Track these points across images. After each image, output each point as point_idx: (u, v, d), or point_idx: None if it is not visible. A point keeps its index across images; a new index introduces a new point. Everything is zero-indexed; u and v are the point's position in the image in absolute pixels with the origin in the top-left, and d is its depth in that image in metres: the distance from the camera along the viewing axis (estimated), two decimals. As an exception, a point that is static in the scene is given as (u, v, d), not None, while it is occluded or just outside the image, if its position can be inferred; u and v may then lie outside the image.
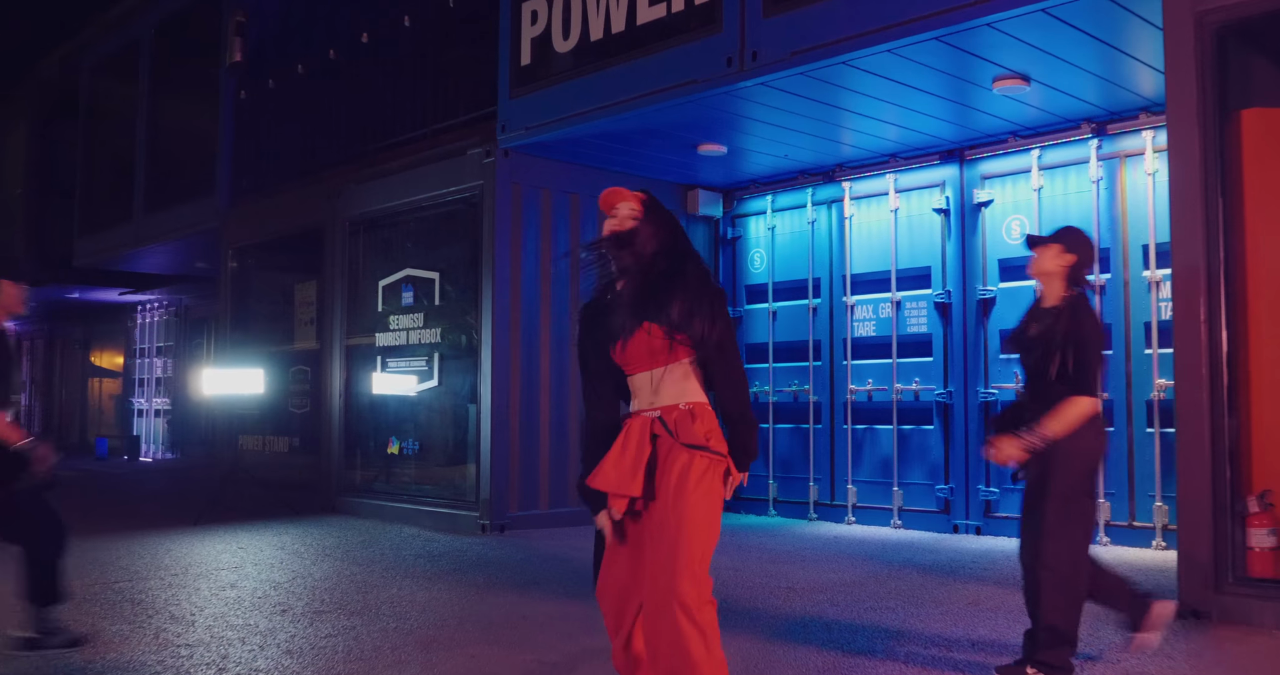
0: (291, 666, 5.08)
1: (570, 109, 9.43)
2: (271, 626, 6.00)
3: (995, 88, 8.06)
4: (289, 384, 12.82)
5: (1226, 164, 5.87)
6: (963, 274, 9.76)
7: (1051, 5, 6.52)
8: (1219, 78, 5.84)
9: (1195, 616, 5.66)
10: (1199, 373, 5.71)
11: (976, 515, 9.56)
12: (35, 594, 5.40)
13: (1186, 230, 5.83)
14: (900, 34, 7.11)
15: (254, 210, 13.90)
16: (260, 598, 6.85)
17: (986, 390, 9.54)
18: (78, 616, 6.14)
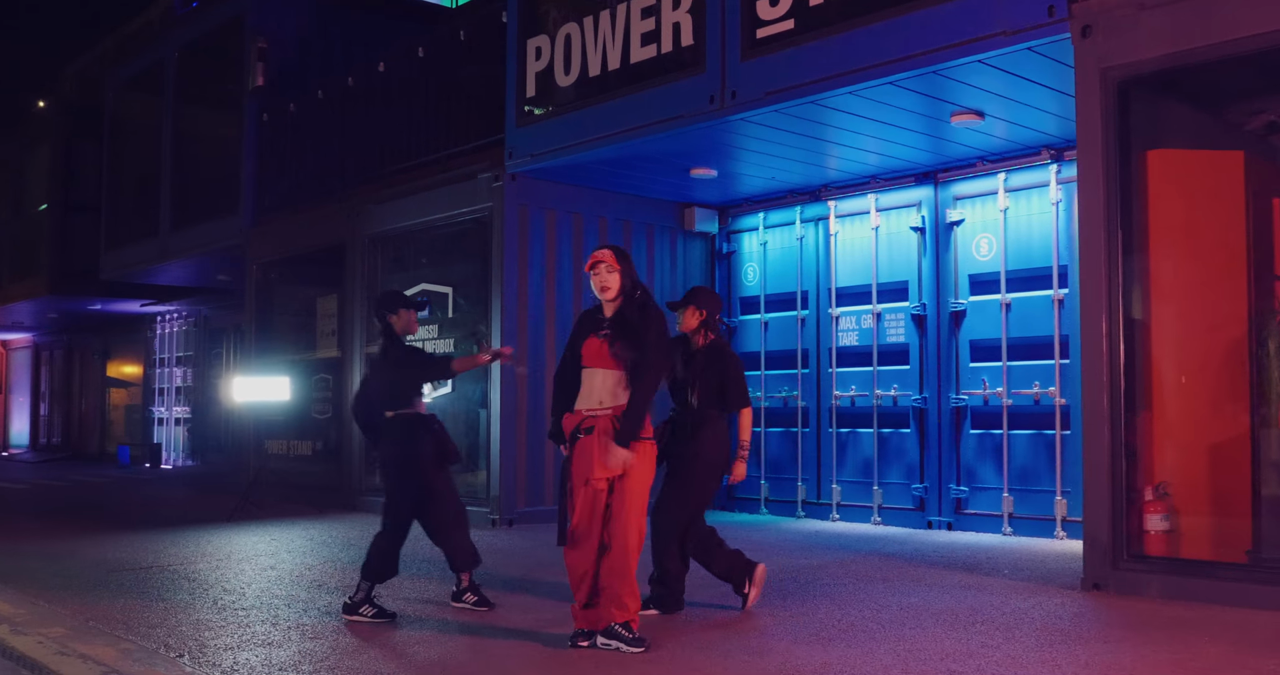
0: (331, 623, 6.36)
1: (571, 138, 10.68)
2: (311, 596, 7.28)
3: (953, 121, 9.25)
4: (312, 391, 14.12)
5: (1130, 198, 7.07)
6: (937, 288, 10.94)
7: (988, 56, 7.72)
8: (1121, 124, 7.03)
9: (1096, 588, 6.86)
10: (1100, 380, 6.91)
11: (948, 512, 10.73)
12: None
13: (1090, 256, 7.03)
14: (860, 79, 8.34)
15: (277, 227, 15.21)
16: (298, 576, 8.13)
17: (958, 396, 10.72)
18: (144, 591, 7.45)
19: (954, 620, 6.20)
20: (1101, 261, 6.96)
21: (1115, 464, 6.80)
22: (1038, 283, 10.22)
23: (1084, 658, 5.26)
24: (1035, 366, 10.19)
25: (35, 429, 31.26)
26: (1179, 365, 7.20)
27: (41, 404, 31.12)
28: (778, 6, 8.85)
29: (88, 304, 23.45)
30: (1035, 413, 10.19)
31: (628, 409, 5.44)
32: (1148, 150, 7.25)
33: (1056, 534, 9.82)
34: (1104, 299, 6.93)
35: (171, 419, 24.40)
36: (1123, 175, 7.04)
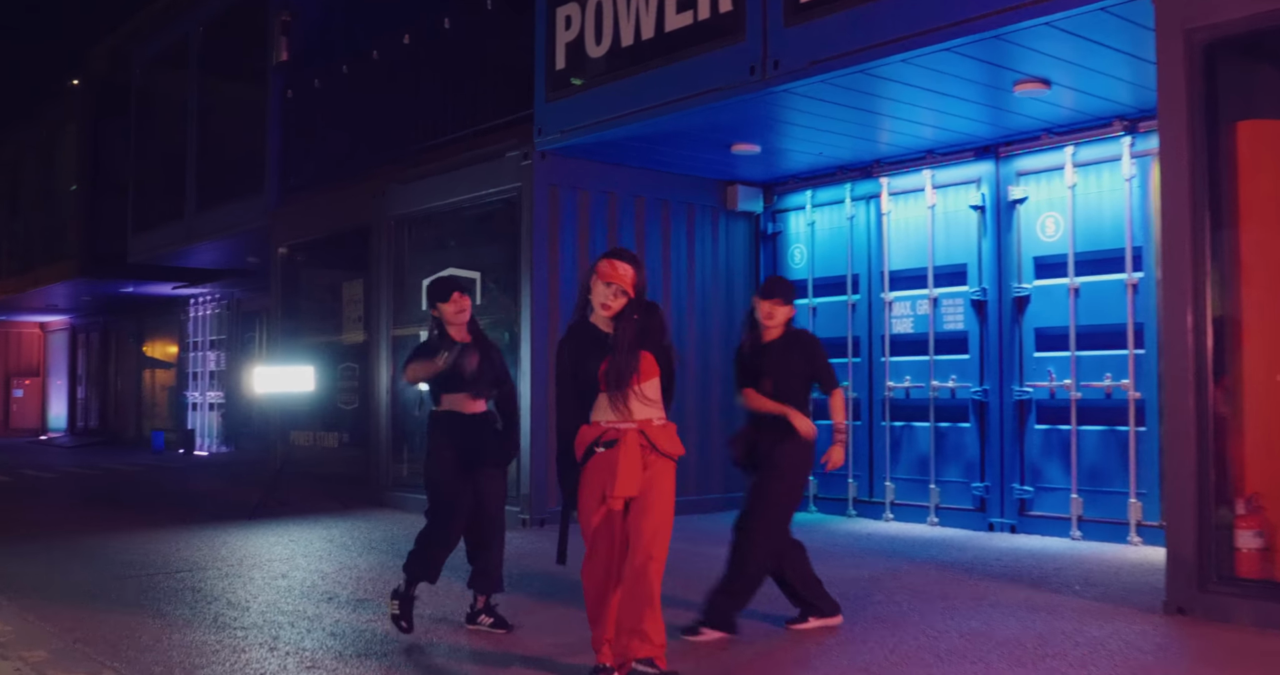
0: (334, 646, 5.91)
1: (604, 113, 10.14)
2: (318, 612, 6.84)
3: (1016, 91, 8.62)
4: (338, 381, 13.73)
5: (1217, 173, 6.43)
6: (998, 271, 10.31)
7: (1056, 19, 7.09)
8: (1208, 91, 6.38)
9: (1180, 613, 6.26)
10: (1185, 378, 6.29)
11: (1011, 514, 10.13)
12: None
13: (1173, 238, 6.40)
14: (915, 45, 7.72)
15: (302, 209, 14.82)
16: (309, 587, 7.71)
17: (1021, 388, 10.10)
18: (143, 603, 7.06)
19: (1020, 652, 5.62)
20: (1186, 244, 6.32)
21: (1202, 474, 6.18)
22: (1109, 266, 9.56)
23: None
24: (1106, 356, 9.55)
25: (73, 412, 31.31)
26: (1273, 361, 6.55)
27: (79, 387, 31.14)
28: (824, -33, 8.25)
29: (119, 287, 23.32)
30: (1106, 407, 9.56)
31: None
32: (1238, 121, 6.60)
33: (1130, 539, 9.21)
34: (1189, 287, 6.30)
35: (205, 404, 24.23)
36: (1210, 148, 6.39)
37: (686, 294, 11.86)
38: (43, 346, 33.08)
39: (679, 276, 11.84)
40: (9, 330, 32.53)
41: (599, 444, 5.00)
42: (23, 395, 32.68)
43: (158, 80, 19.87)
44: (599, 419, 5.01)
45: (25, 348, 33.00)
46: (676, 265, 11.82)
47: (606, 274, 4.96)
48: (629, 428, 4.96)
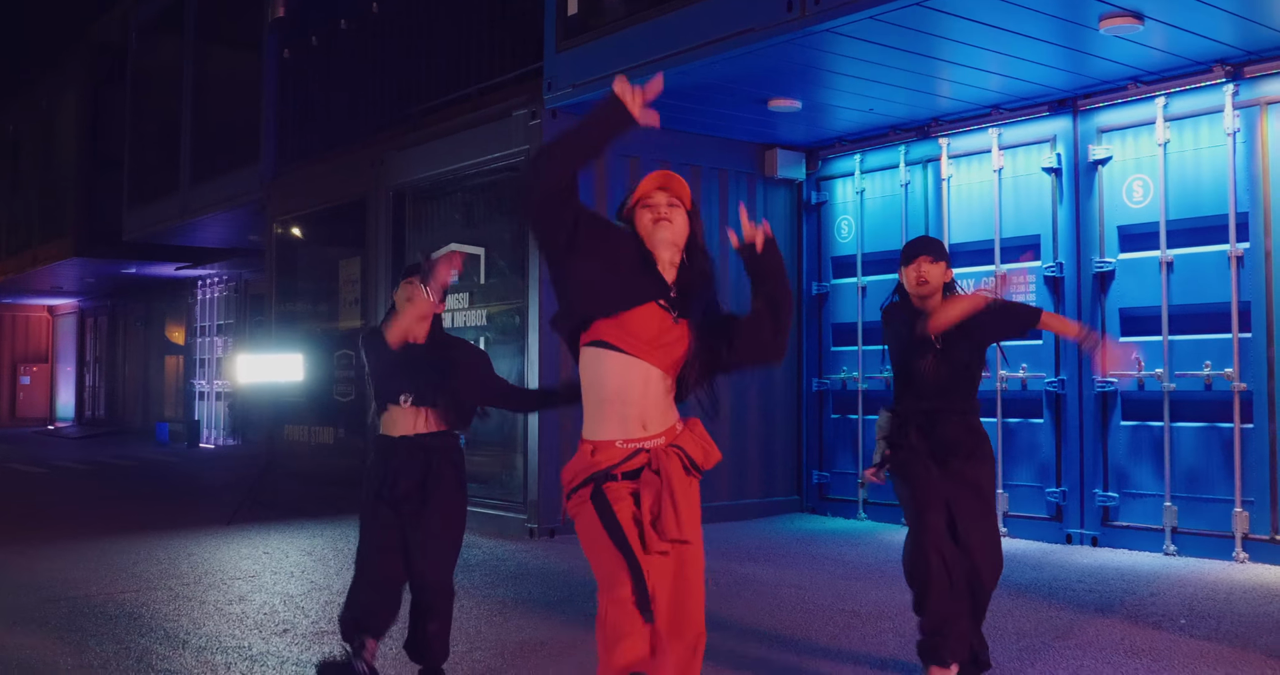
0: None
1: (622, 63, 9.15)
2: (266, 649, 5.95)
3: (1102, 28, 7.58)
4: (333, 370, 12.86)
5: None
6: (1077, 244, 9.32)
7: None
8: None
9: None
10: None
11: (1093, 524, 9.12)
12: None
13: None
14: (981, -31, 6.72)
15: (298, 179, 14.01)
16: (266, 615, 6.82)
17: (1104, 379, 9.08)
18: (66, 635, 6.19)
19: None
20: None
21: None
22: (1209, 235, 8.60)
23: None
24: (1205, 341, 8.59)
25: (80, 401, 30.87)
26: None
27: (88, 374, 30.64)
28: (873, -120, 7.22)
29: (121, 267, 22.71)
30: (1206, 400, 8.58)
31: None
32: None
33: (1236, 556, 8.20)
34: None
35: (212, 393, 23.55)
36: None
37: (720, 273, 10.86)
38: (51, 331, 32.60)
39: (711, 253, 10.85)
40: (15, 314, 32.00)
41: (618, 473, 3.43)
42: (30, 383, 32.18)
43: (154, 46, 19.21)
44: (604, 437, 3.48)
45: (33, 332, 32.50)
46: (708, 240, 10.79)
47: (651, 184, 3.64)
48: (658, 446, 3.47)
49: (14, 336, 32.18)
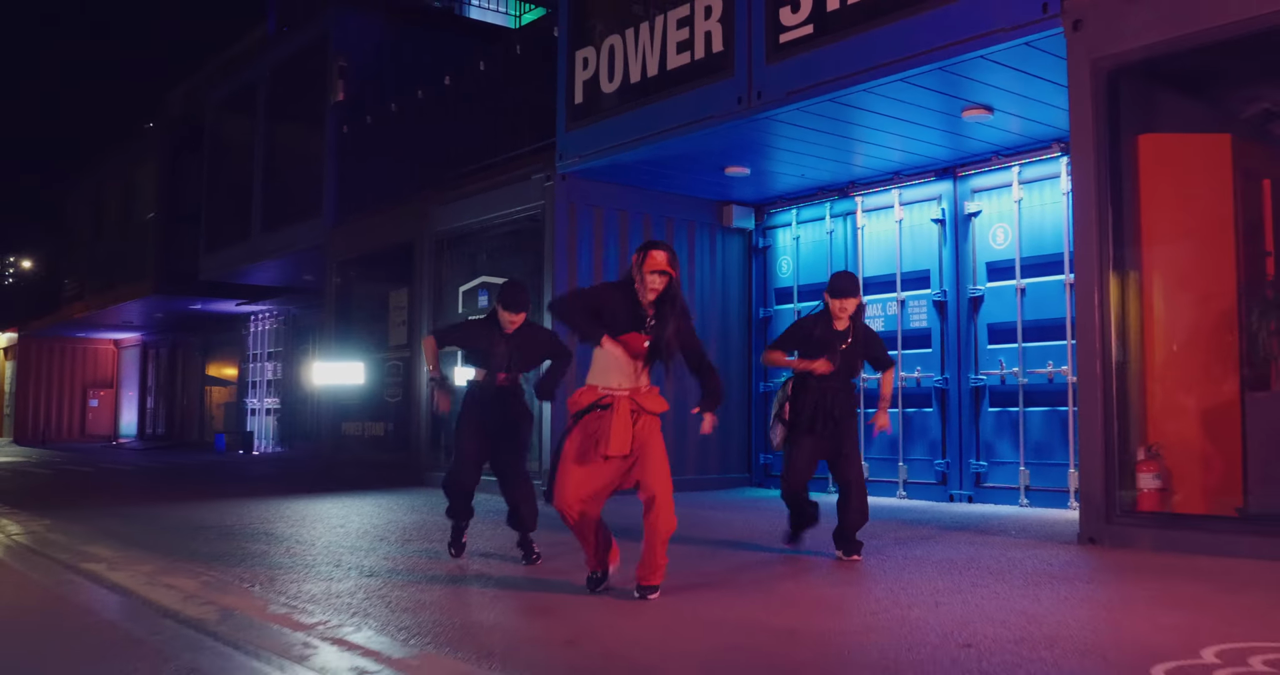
0: (387, 565, 6.58)
1: (615, 139, 10.87)
2: (373, 546, 7.51)
3: (964, 116, 9.30)
4: (384, 377, 14.45)
5: (1120, 181, 7.10)
6: (956, 276, 10.95)
7: (990, 52, 7.78)
8: (1111, 111, 7.07)
9: (1091, 542, 6.89)
10: (1093, 349, 6.95)
11: (969, 486, 10.73)
12: None
13: (1085, 238, 7.07)
14: (874, 76, 8.43)
15: (354, 228, 15.59)
16: (363, 533, 8.38)
17: (977, 376, 10.73)
18: (226, 543, 7.75)
19: (951, 567, 6.27)
20: (1094, 240, 7.00)
21: (1108, 427, 6.84)
22: (1050, 268, 10.20)
23: (1065, 594, 5.33)
24: (1049, 347, 10.18)
25: (142, 420, 32.11)
26: (1172, 336, 7.21)
27: (148, 397, 31.96)
28: (798, 13, 8.98)
29: (189, 303, 24.13)
30: (1049, 390, 10.18)
31: (715, 390, 5.65)
32: (1138, 135, 7.27)
33: (1071, 505, 9.78)
34: (1096, 275, 6.98)
35: (263, 409, 25.00)
36: (1114, 159, 7.08)
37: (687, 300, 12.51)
38: (116, 361, 33.95)
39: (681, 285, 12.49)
40: (86, 346, 33.41)
41: (598, 405, 5.36)
42: (98, 405, 33.52)
43: (227, 120, 20.71)
44: (596, 383, 5.40)
45: (101, 362, 33.86)
46: (681, 273, 12.48)
47: (649, 267, 5.36)
48: (621, 395, 5.35)
49: (84, 365, 33.52)
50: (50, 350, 32.82)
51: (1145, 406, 7.07)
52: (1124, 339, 6.99)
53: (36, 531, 8.63)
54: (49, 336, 32.23)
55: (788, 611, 5.08)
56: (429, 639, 4.46)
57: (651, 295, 5.40)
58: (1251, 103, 8.20)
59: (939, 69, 8.09)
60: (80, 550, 7.38)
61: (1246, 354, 7.15)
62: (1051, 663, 3.93)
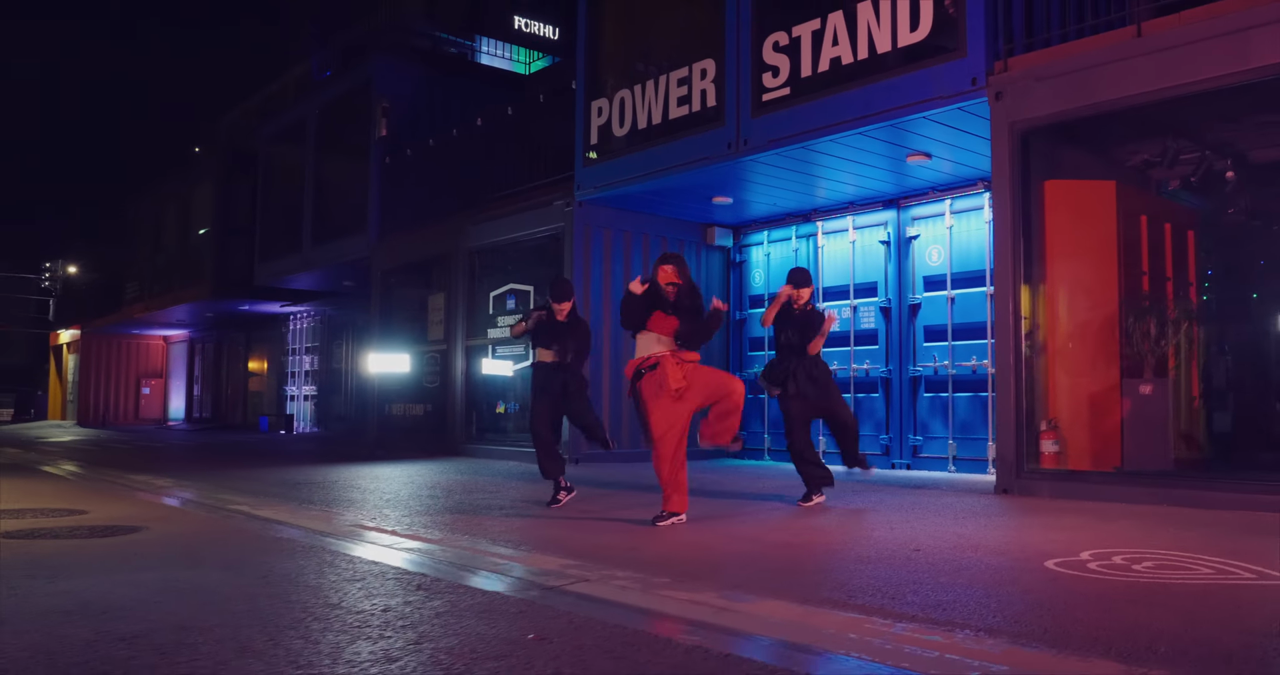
0: (442, 504, 7.55)
1: (624, 174, 11.88)
2: (448, 496, 8.46)
3: (909, 161, 10.39)
4: (424, 366, 15.40)
5: (1030, 217, 8.20)
6: (899, 287, 12.05)
7: (930, 114, 8.88)
8: (1024, 163, 8.17)
9: (1005, 492, 7.98)
10: (1009, 345, 8.05)
11: (907, 456, 11.83)
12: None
13: (1003, 259, 8.16)
14: (837, 130, 9.49)
15: (396, 243, 16.50)
16: (419, 486, 9.32)
17: (915, 368, 11.83)
18: (329, 494, 8.68)
19: (898, 508, 7.34)
20: (1009, 261, 8.09)
21: (1019, 405, 7.92)
22: (975, 282, 11.29)
23: (984, 523, 6.40)
24: (973, 345, 11.28)
25: (189, 405, 32.78)
26: (1068, 335, 8.31)
27: (195, 386, 32.65)
28: (778, 78, 10.02)
29: (239, 305, 24.89)
30: (972, 379, 11.28)
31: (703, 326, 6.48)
32: (1044, 181, 8.37)
33: (989, 470, 10.88)
34: (1011, 288, 8.06)
35: (301, 395, 25.81)
36: (1025, 199, 8.17)
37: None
38: (165, 355, 34.59)
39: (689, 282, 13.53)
40: (139, 342, 34.07)
41: (645, 367, 6.40)
42: (149, 392, 34.17)
43: (278, 149, 21.52)
44: (644, 353, 6.46)
45: (151, 355, 34.50)
46: (672, 283, 13.51)
47: (663, 276, 6.43)
48: (661, 354, 6.40)
49: (137, 358, 34.15)
50: (108, 345, 33.45)
51: (1048, 390, 8.16)
52: (1032, 338, 8.08)
53: (165, 486, 9.52)
54: (106, 333, 32.86)
55: (783, 532, 6.13)
56: (530, 547, 5.46)
57: (670, 296, 6.40)
58: (1132, 156, 9.35)
59: (890, 125, 9.16)
60: (221, 498, 8.30)
61: (1124, 350, 8.27)
62: (975, 560, 4.99)
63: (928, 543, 5.56)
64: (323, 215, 19.14)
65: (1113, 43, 7.62)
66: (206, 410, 31.79)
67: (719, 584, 4.37)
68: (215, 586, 4.35)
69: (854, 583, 4.37)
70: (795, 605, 3.92)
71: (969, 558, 5.03)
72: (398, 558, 5.20)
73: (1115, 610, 3.81)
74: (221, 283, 23.20)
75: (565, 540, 5.77)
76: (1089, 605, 3.90)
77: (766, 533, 6.17)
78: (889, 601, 3.96)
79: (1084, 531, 5.96)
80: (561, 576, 4.56)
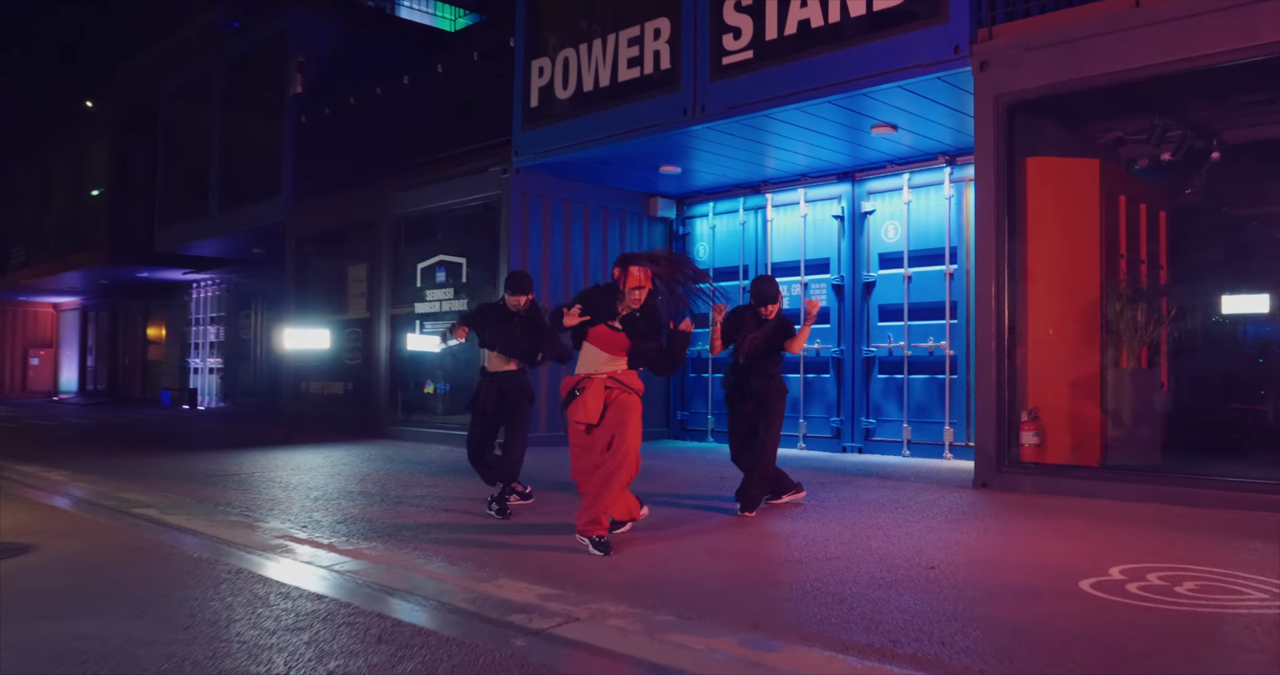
0: (378, 505, 6.85)
1: (566, 141, 11.14)
2: (364, 491, 7.73)
3: (873, 132, 9.87)
4: (345, 342, 14.48)
5: (1014, 195, 7.74)
6: (853, 263, 11.59)
7: (905, 83, 8.35)
8: (1010, 138, 7.70)
9: (984, 487, 7.58)
10: (990, 330, 7.61)
11: (859, 439, 11.42)
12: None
13: (984, 238, 7.71)
14: (804, 97, 8.91)
15: (313, 209, 15.48)
16: (346, 480, 8.56)
17: (869, 348, 11.40)
18: (248, 489, 7.87)
19: (881, 506, 6.87)
20: (992, 242, 7.63)
21: (1000, 393, 7.50)
22: (933, 260, 10.89)
23: (981, 527, 5.96)
24: (930, 325, 10.89)
25: (83, 377, 31.04)
26: (1048, 320, 7.91)
27: (89, 356, 30.90)
28: (740, 40, 9.39)
29: (136, 272, 23.44)
30: (929, 361, 10.90)
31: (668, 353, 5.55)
32: (1027, 158, 7.92)
33: (945, 455, 10.56)
34: (994, 270, 7.61)
35: (205, 368, 24.50)
36: (1009, 177, 7.70)
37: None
38: (55, 323, 32.66)
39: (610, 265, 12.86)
40: (26, 309, 32.08)
41: (578, 388, 5.46)
42: (38, 363, 32.23)
43: (181, 106, 20.13)
44: (582, 371, 5.49)
45: (40, 324, 32.54)
46: (610, 256, 12.86)
47: (631, 283, 5.34)
48: (599, 377, 5.41)
49: (25, 327, 32.18)
50: (-10, 312, 31.45)
51: (1027, 377, 7.76)
52: (1012, 322, 7.65)
53: (59, 482, 8.58)
54: (-11, 300, 30.89)
55: (772, 543, 5.59)
56: (497, 568, 4.81)
57: (634, 305, 5.38)
58: (1106, 132, 8.97)
59: (863, 94, 8.61)
60: (125, 499, 7.43)
61: (1107, 336, 7.90)
62: (1003, 582, 4.51)
63: (938, 557, 5.06)
64: (231, 178, 17.93)
65: (1109, 12, 7.17)
66: (101, 382, 30.10)
67: (733, 622, 3.79)
68: (126, 644, 3.58)
69: (887, 619, 3.83)
70: (835, 656, 3.37)
71: (994, 580, 4.54)
72: (345, 589, 4.50)
73: (1198, 653, 3.34)
74: (118, 248, 21.75)
75: (533, 558, 5.13)
76: (1163, 645, 3.42)
77: (754, 543, 5.62)
78: (943, 650, 3.43)
79: (1095, 540, 5.54)
80: (545, 614, 3.94)
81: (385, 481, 8.49)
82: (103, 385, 29.98)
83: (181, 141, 19.93)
